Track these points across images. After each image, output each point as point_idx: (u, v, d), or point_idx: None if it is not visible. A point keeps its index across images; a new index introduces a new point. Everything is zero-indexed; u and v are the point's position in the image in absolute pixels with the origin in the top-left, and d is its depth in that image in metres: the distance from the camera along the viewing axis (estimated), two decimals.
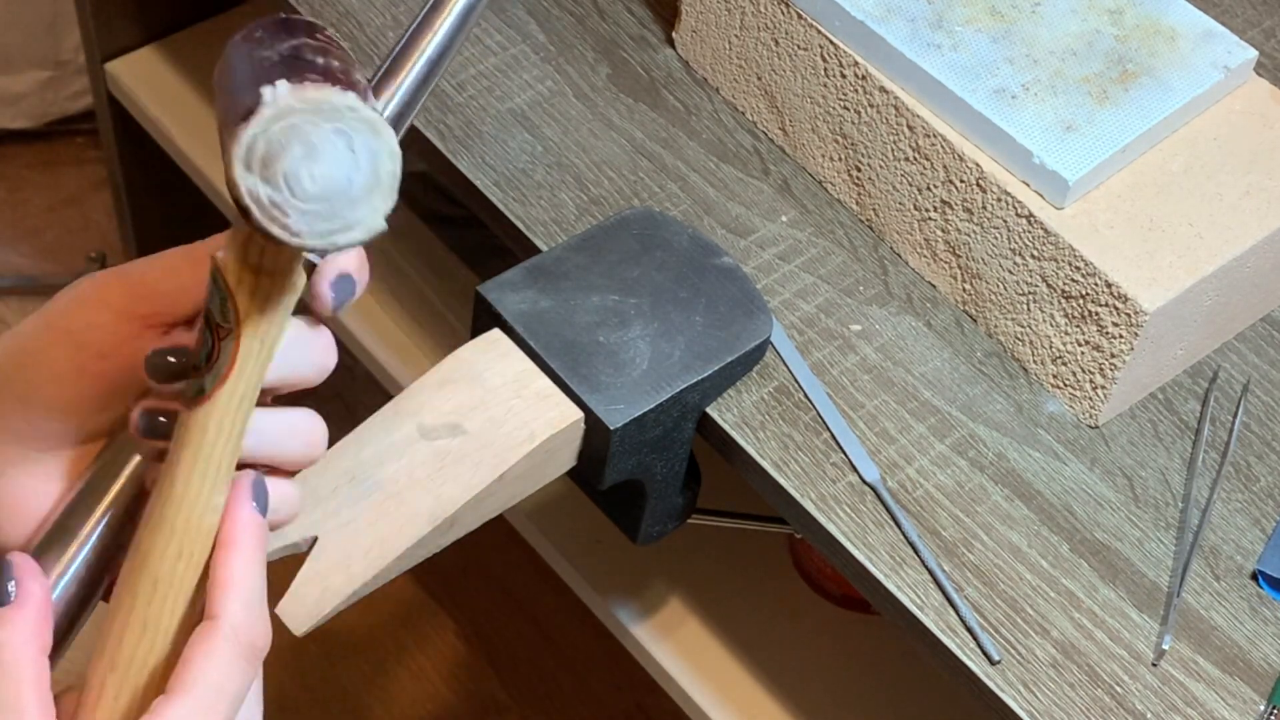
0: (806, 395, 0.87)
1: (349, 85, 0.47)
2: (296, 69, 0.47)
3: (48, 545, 0.57)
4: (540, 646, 1.53)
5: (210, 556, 0.53)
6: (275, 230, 0.47)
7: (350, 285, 0.56)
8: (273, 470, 0.58)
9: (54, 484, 0.58)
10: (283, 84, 0.46)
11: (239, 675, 0.52)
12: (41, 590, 0.54)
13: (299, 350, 0.57)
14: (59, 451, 0.57)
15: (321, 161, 0.46)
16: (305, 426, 0.58)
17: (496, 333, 0.83)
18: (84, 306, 0.56)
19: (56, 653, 0.56)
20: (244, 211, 0.46)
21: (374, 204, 0.47)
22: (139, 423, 0.55)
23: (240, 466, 0.56)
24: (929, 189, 0.90)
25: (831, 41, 0.92)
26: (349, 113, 0.46)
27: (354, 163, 0.47)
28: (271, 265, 0.50)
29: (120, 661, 0.53)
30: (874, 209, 0.94)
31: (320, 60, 0.47)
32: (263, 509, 0.55)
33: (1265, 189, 0.88)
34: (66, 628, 0.57)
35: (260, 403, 0.58)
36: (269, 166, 0.46)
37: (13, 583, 0.54)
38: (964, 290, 0.91)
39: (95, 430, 0.58)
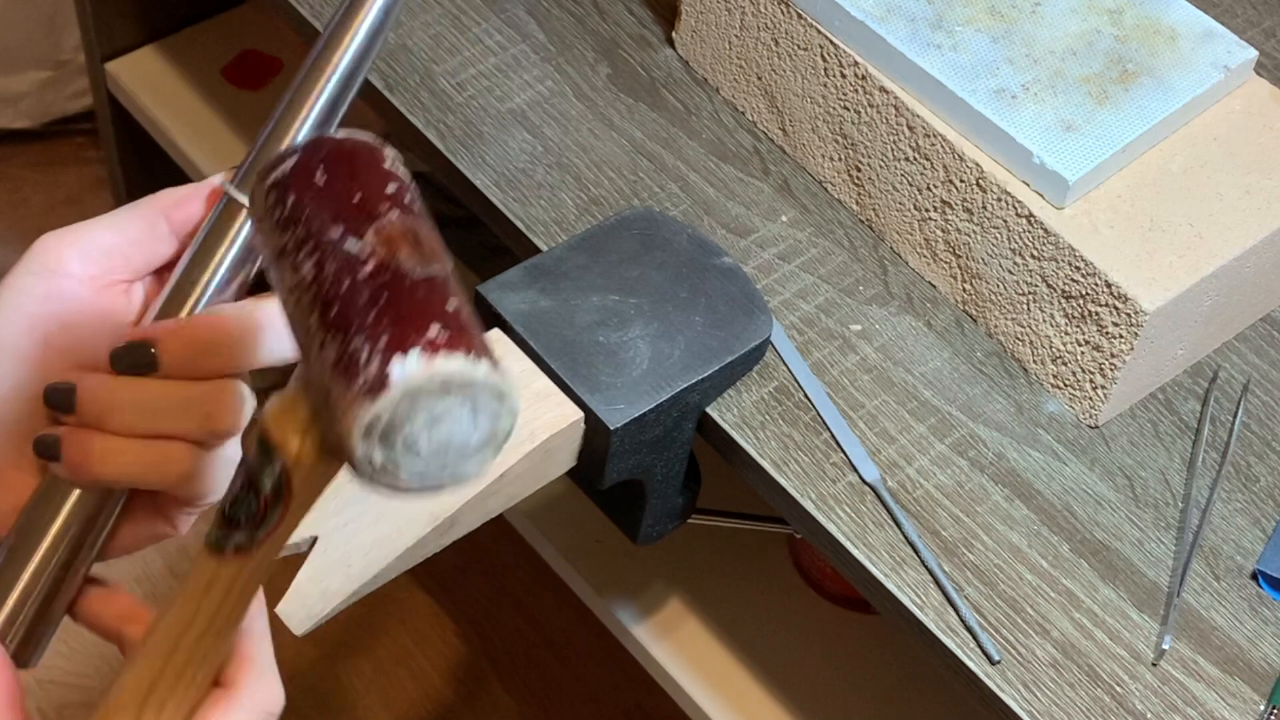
0: (806, 395, 0.87)
1: (475, 343, 0.43)
2: (408, 312, 0.43)
3: (18, 537, 0.57)
4: (540, 646, 1.53)
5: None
6: (380, 483, 0.44)
7: None
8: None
9: (27, 471, 0.57)
10: (413, 357, 0.42)
11: None
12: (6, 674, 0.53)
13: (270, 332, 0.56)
14: (30, 434, 0.57)
15: (443, 428, 0.43)
16: (209, 399, 0.55)
17: (496, 333, 0.83)
18: (38, 277, 0.56)
19: (37, 645, 0.56)
20: (351, 466, 0.43)
21: (484, 457, 0.44)
22: (35, 445, 0.55)
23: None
24: (929, 189, 0.90)
25: (831, 41, 0.92)
26: (480, 385, 0.43)
27: (473, 425, 0.43)
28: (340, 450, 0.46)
29: None
30: (874, 209, 0.94)
31: (426, 283, 0.43)
32: None
33: (1265, 189, 0.88)
34: (40, 633, 0.57)
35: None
36: (390, 437, 0.42)
37: None
38: (964, 290, 0.91)
39: None
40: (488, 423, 0.44)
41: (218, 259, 0.59)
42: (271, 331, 0.56)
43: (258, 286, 0.56)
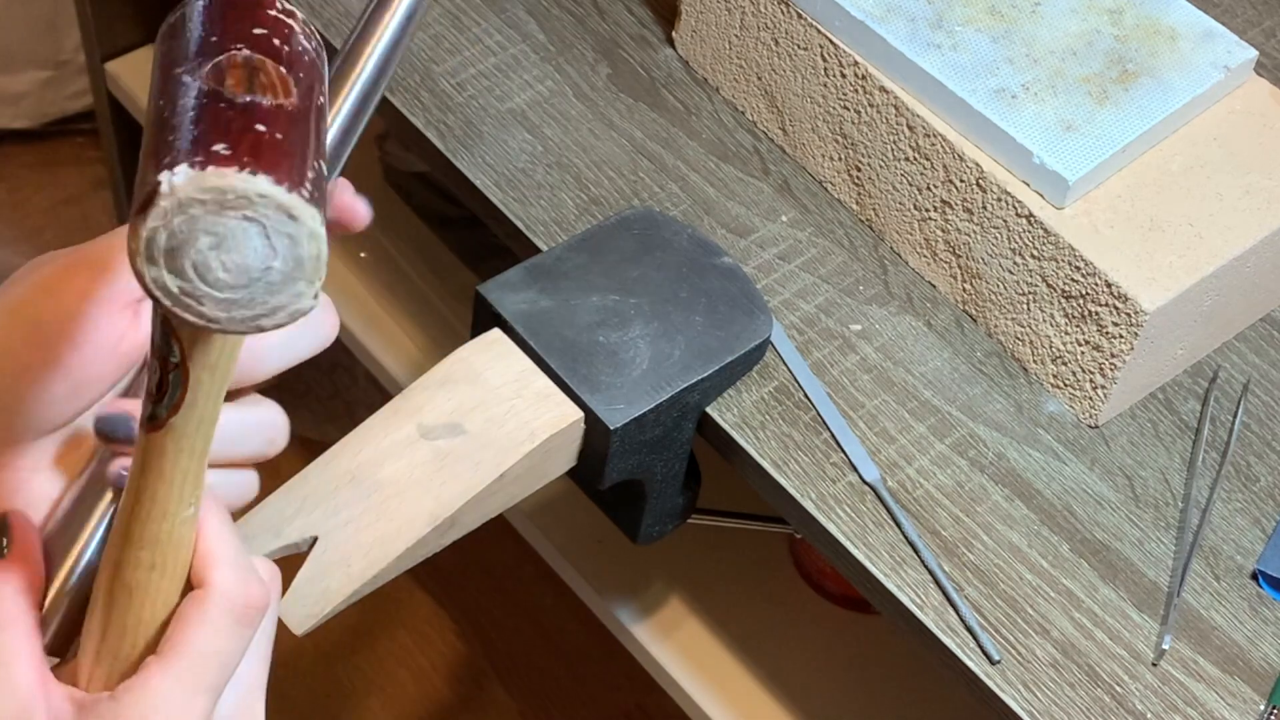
0: (806, 395, 0.87)
1: (263, 159, 0.42)
2: (205, 131, 0.42)
3: (52, 543, 0.57)
4: (540, 646, 1.53)
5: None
6: (190, 318, 0.43)
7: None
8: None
9: (35, 474, 0.57)
10: (182, 170, 0.41)
11: (233, 638, 0.52)
12: (36, 542, 0.54)
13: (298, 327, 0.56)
14: (37, 441, 0.57)
15: (233, 251, 0.42)
16: (265, 422, 0.58)
17: (496, 333, 0.83)
18: (51, 295, 0.55)
19: (67, 648, 0.56)
20: (154, 300, 0.43)
21: (297, 289, 0.43)
22: (96, 427, 0.56)
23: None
24: (929, 189, 0.90)
25: (831, 41, 0.92)
26: (259, 200, 0.41)
27: (270, 250, 0.42)
28: None
29: (104, 655, 0.53)
30: (874, 209, 0.94)
31: (240, 107, 0.43)
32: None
33: (1265, 189, 0.88)
34: (75, 627, 0.57)
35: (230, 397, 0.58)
36: (174, 259, 0.42)
37: (5, 538, 0.53)
38: (964, 290, 0.91)
39: (73, 415, 0.57)
40: (286, 247, 0.42)
41: None
42: (265, 342, 0.57)
43: None
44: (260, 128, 0.43)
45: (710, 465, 0.92)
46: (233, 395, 0.58)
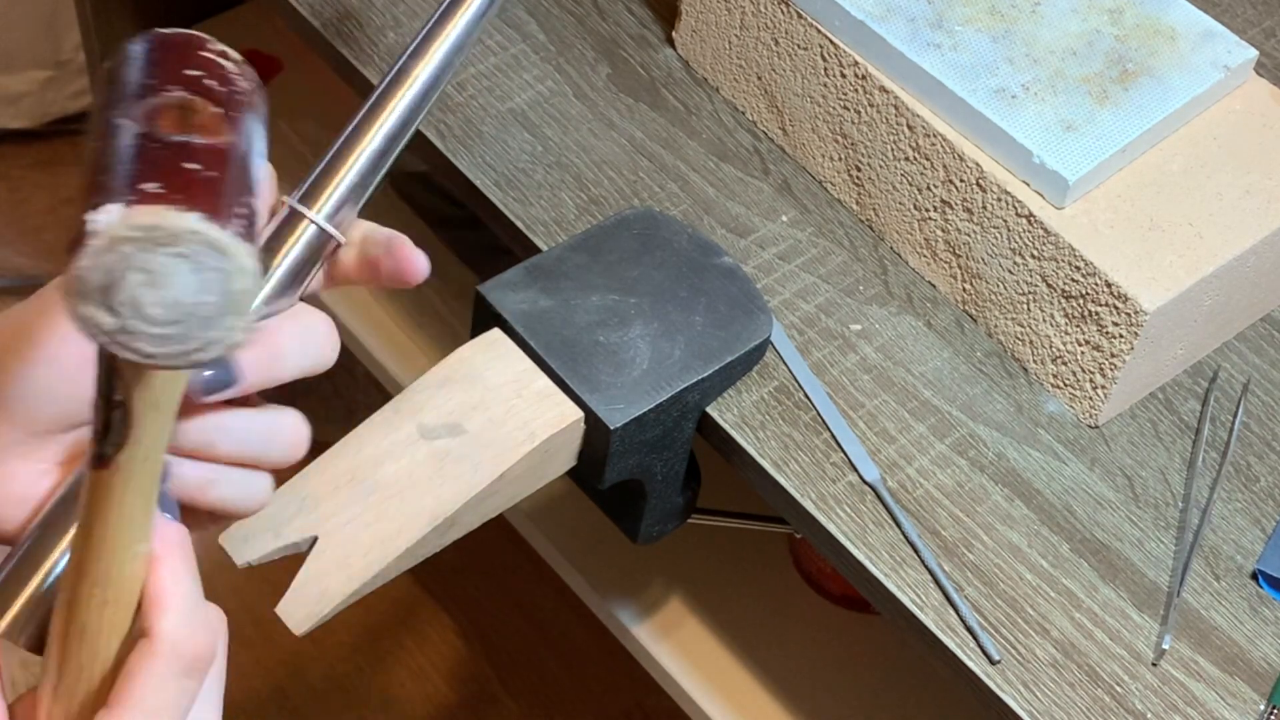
0: (806, 395, 0.87)
1: (194, 196, 0.42)
2: (137, 170, 0.42)
3: (39, 538, 0.57)
4: (540, 646, 1.53)
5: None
6: (126, 355, 0.43)
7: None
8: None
9: (50, 469, 0.58)
10: (114, 209, 0.41)
11: (179, 691, 0.51)
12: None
13: (301, 341, 0.57)
14: (56, 436, 0.57)
15: (165, 288, 0.42)
16: (288, 427, 0.59)
17: (496, 333, 0.83)
18: (39, 304, 0.56)
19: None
20: (89, 337, 0.43)
21: (229, 323, 0.44)
22: None
23: (233, 464, 0.57)
24: (929, 189, 0.90)
25: (831, 41, 0.92)
26: (190, 235, 0.42)
27: (201, 285, 0.42)
28: None
29: (62, 693, 0.53)
30: (874, 209, 0.94)
31: (172, 146, 0.43)
32: (174, 515, 0.55)
33: (1265, 189, 0.88)
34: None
35: (250, 400, 0.58)
36: (108, 296, 0.42)
37: None
38: (964, 290, 0.91)
39: (68, 420, 0.58)
40: (218, 282, 0.43)
41: (275, 268, 0.60)
42: (294, 344, 0.57)
43: None
44: (192, 166, 0.43)
45: (710, 465, 0.92)
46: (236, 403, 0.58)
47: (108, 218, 0.41)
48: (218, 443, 0.57)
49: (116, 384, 0.47)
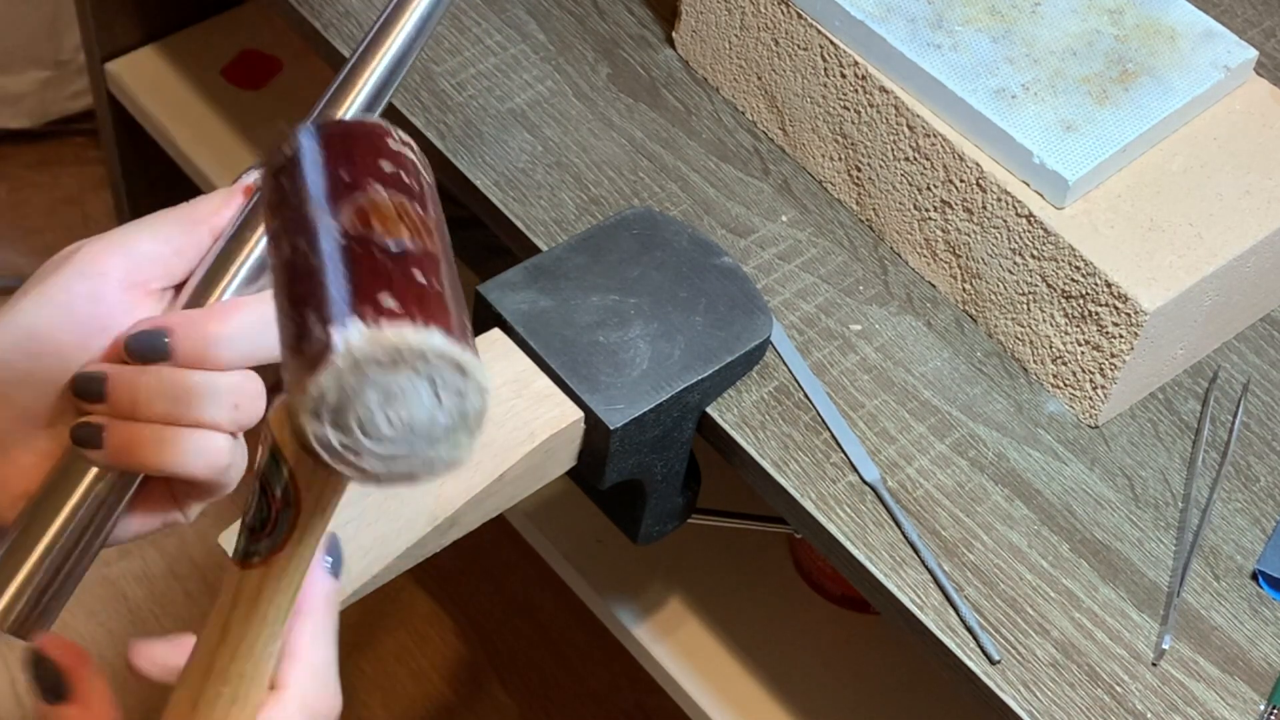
0: (806, 395, 0.87)
1: (430, 312, 0.40)
2: (366, 281, 0.40)
3: (33, 513, 0.58)
4: (540, 646, 1.53)
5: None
6: (344, 470, 0.41)
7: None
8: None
9: (37, 456, 0.58)
10: (355, 326, 0.39)
11: None
12: (101, 688, 0.53)
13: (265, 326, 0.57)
14: (58, 426, 0.57)
15: (402, 407, 0.40)
16: (232, 387, 0.57)
17: (496, 333, 0.83)
18: (84, 279, 0.56)
19: (44, 623, 0.57)
20: (311, 455, 0.41)
21: (457, 441, 0.42)
22: (73, 433, 0.56)
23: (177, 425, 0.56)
24: (929, 189, 0.90)
25: (831, 41, 0.92)
26: (434, 356, 0.40)
27: (437, 405, 0.41)
28: None
29: None
30: (874, 209, 0.94)
31: (394, 255, 0.41)
32: (335, 571, 0.55)
33: (1265, 189, 0.88)
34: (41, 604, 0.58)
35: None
36: (341, 415, 0.40)
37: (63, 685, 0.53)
38: (964, 290, 0.91)
39: None
40: (453, 402, 0.41)
41: (247, 250, 0.59)
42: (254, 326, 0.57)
43: None
44: (419, 278, 0.41)
45: (710, 465, 0.92)
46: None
47: (351, 336, 0.39)
48: (142, 403, 0.55)
49: (292, 490, 0.45)
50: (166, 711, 0.52)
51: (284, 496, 0.46)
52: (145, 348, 0.55)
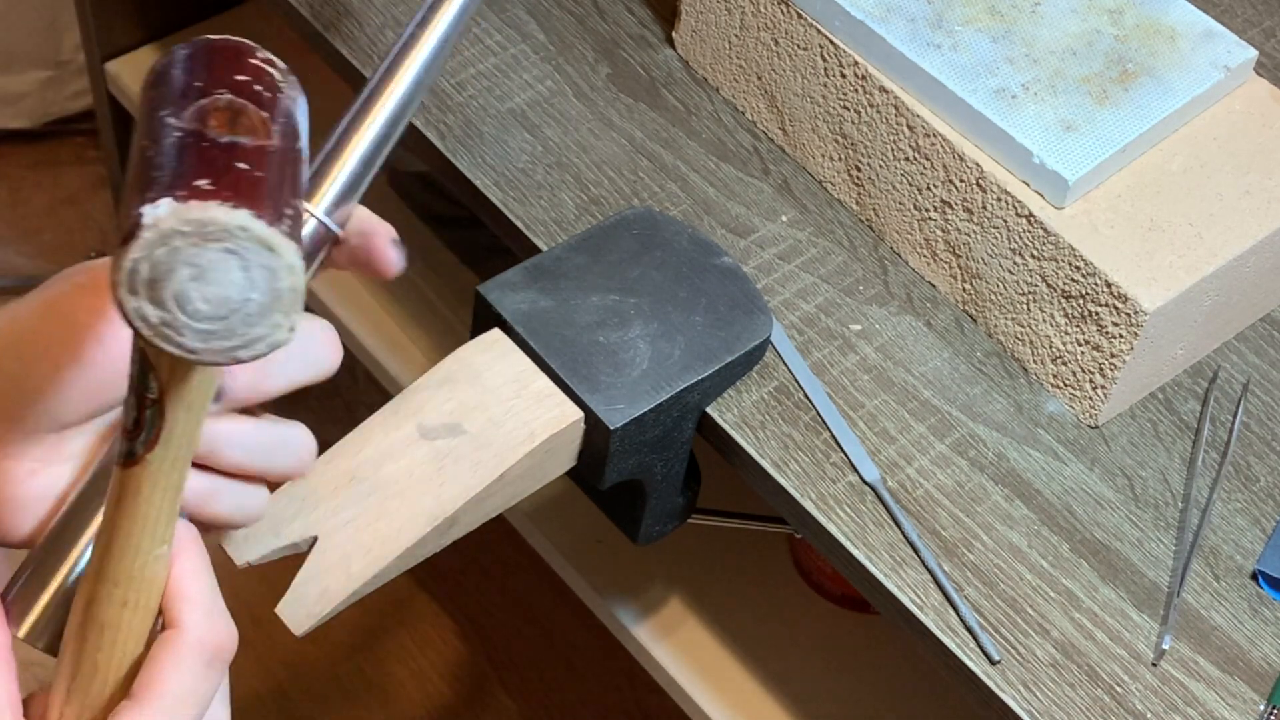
0: (806, 395, 0.87)
1: (244, 194, 0.43)
2: (188, 167, 0.43)
3: (55, 539, 0.58)
4: (540, 646, 1.53)
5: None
6: (169, 349, 0.44)
7: (402, 246, 0.58)
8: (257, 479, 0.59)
9: (50, 468, 0.58)
10: (165, 203, 0.42)
11: (203, 681, 0.52)
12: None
13: (303, 349, 0.57)
14: (55, 436, 0.57)
15: (212, 283, 0.43)
16: (296, 441, 0.59)
17: (496, 333, 0.83)
18: (84, 293, 0.56)
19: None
20: (135, 331, 0.44)
21: (274, 320, 0.44)
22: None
23: (237, 477, 0.57)
24: (929, 189, 0.90)
25: (831, 41, 0.92)
26: (240, 232, 0.43)
27: (249, 282, 0.43)
28: None
29: (76, 691, 0.53)
30: (874, 209, 0.94)
31: (222, 145, 0.44)
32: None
33: (1265, 189, 0.88)
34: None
35: (254, 411, 0.58)
36: (155, 290, 0.43)
37: None
38: (964, 290, 0.91)
39: (91, 414, 0.58)
40: (265, 279, 0.43)
41: None
42: (286, 353, 0.57)
43: None
44: (242, 165, 0.44)
45: (710, 465, 0.92)
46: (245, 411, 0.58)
47: (160, 211, 0.42)
48: (223, 452, 0.57)
49: (152, 381, 0.48)
50: (69, 617, 0.53)
51: (149, 395, 0.48)
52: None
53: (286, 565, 0.72)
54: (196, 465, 0.57)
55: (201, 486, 0.57)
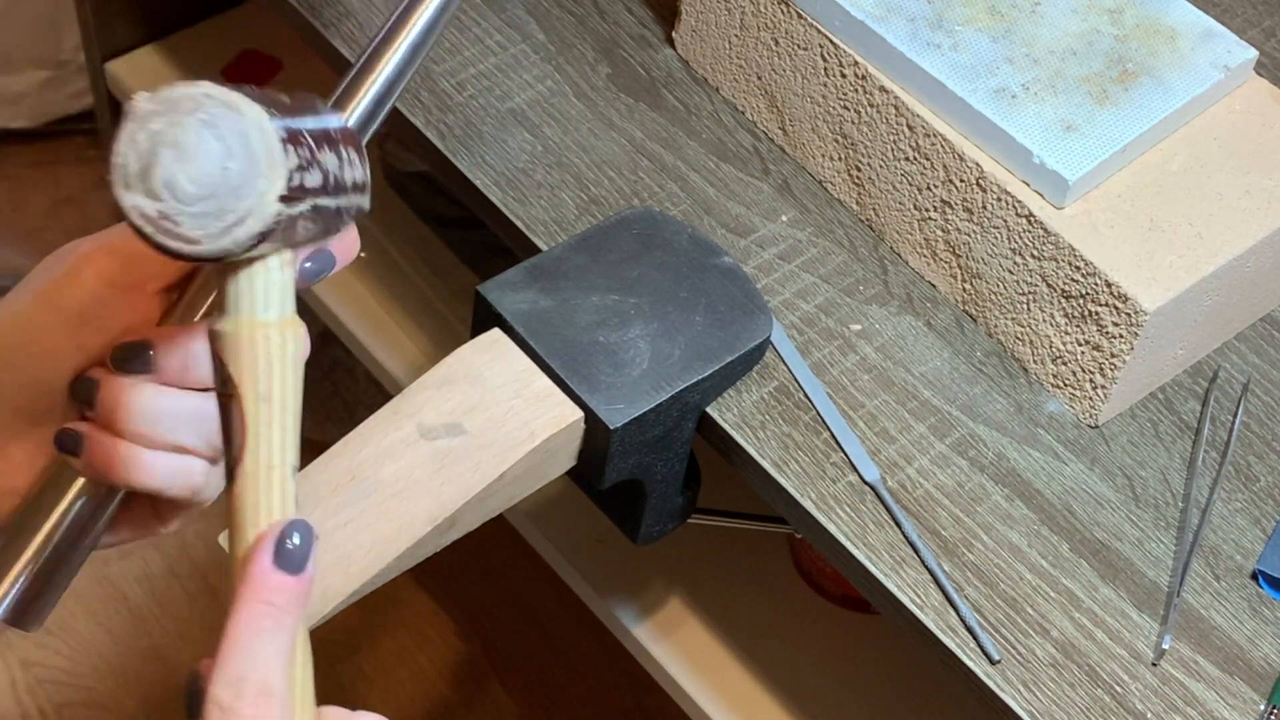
0: (806, 395, 0.87)
1: (206, 79, 0.48)
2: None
3: (24, 518, 0.58)
4: (540, 646, 1.53)
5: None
6: (172, 244, 0.47)
7: (329, 259, 0.57)
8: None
9: (29, 448, 0.58)
10: (141, 96, 0.47)
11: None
12: None
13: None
14: (51, 424, 0.58)
15: (194, 159, 0.46)
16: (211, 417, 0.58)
17: (496, 333, 0.83)
18: (77, 280, 0.57)
19: (28, 620, 0.58)
20: (139, 233, 0.47)
21: (258, 187, 0.47)
22: (56, 437, 0.57)
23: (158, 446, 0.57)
24: (929, 189, 0.90)
25: (831, 41, 0.92)
26: (206, 100, 0.47)
27: (225, 150, 0.47)
28: (239, 313, 0.50)
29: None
30: (874, 209, 0.94)
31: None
32: (289, 566, 0.51)
33: (1265, 189, 0.88)
34: (36, 601, 0.58)
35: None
36: (147, 179, 0.46)
37: None
38: (964, 290, 0.91)
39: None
40: (238, 143, 0.47)
41: None
42: None
43: None
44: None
45: (710, 465, 0.92)
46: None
47: (136, 101, 0.47)
48: (124, 416, 0.56)
49: (225, 376, 0.49)
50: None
51: (225, 388, 0.50)
52: (128, 361, 0.56)
53: None
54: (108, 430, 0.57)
55: (121, 452, 0.56)
